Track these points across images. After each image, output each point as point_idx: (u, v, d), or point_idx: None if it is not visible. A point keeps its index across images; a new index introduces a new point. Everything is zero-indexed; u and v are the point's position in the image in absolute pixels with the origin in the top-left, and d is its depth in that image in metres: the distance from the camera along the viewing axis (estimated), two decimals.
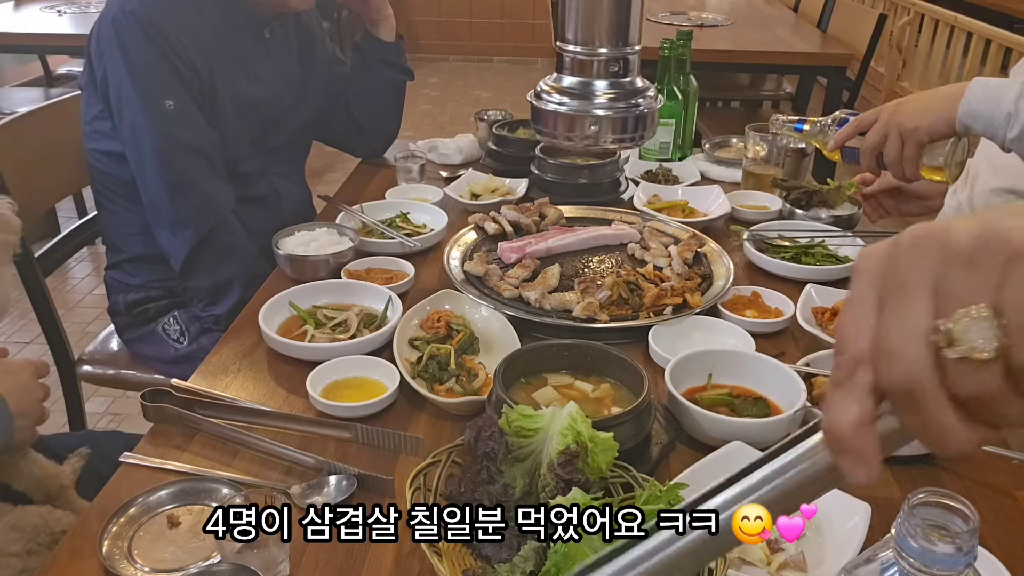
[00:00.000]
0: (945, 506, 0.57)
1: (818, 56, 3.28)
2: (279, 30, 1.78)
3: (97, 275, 3.51)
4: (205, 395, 1.14)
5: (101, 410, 2.69)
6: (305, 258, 1.47)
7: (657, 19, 3.80)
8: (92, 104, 1.62)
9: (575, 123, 1.17)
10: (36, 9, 3.98)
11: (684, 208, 1.77)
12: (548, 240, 1.51)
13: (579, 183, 1.81)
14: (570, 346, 1.12)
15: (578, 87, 1.16)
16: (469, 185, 1.87)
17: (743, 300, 1.40)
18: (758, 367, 1.16)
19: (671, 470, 1.01)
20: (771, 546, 0.88)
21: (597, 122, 1.17)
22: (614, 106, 1.16)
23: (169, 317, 1.74)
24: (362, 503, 0.70)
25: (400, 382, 1.15)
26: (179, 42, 1.55)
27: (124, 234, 1.74)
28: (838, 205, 1.75)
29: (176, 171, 1.57)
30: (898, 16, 5.30)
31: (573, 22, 1.13)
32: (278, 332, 1.28)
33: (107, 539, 0.91)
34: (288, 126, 1.85)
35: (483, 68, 7.34)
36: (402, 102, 2.04)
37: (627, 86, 1.17)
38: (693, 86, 2.02)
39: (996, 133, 1.40)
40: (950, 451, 0.42)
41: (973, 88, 1.41)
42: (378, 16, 1.91)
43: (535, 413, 0.88)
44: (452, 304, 1.35)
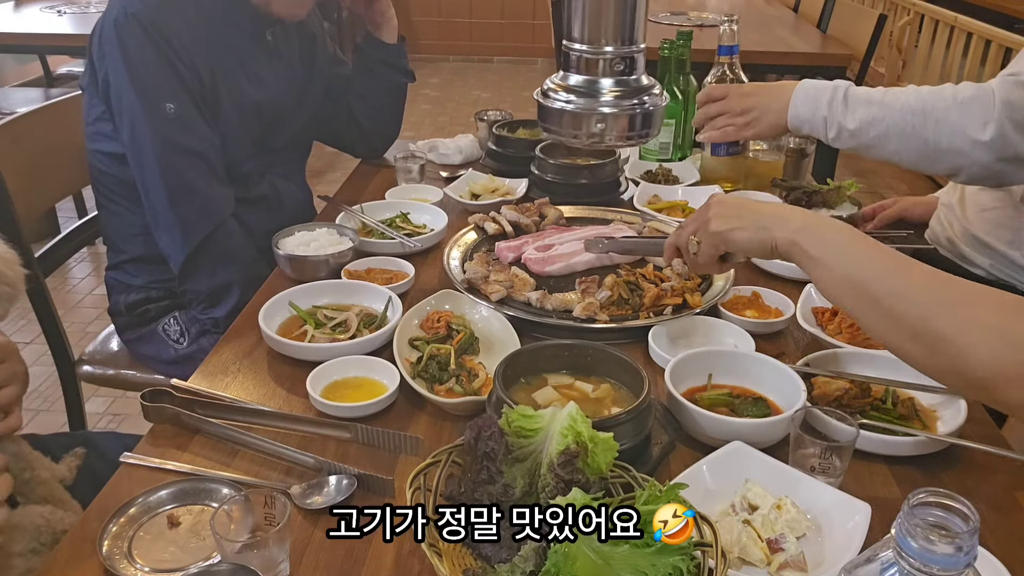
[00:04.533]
0: (945, 506, 0.57)
1: (818, 56, 3.28)
2: (281, 32, 1.78)
3: (97, 275, 3.51)
4: (205, 395, 1.14)
5: (101, 410, 2.69)
6: (305, 258, 1.47)
7: (657, 19, 3.80)
8: (94, 105, 1.62)
9: (581, 121, 1.17)
10: (36, 9, 3.98)
11: (684, 208, 1.77)
12: (558, 249, 1.51)
13: (579, 183, 1.81)
14: (570, 346, 1.12)
15: (584, 85, 1.16)
16: (469, 185, 1.87)
17: (743, 300, 1.40)
18: (758, 367, 1.16)
19: (671, 470, 1.01)
20: (771, 546, 0.88)
21: (604, 120, 1.17)
22: (620, 104, 1.16)
23: (169, 318, 1.74)
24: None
25: (400, 382, 1.15)
26: (181, 44, 1.55)
27: (125, 235, 1.74)
28: (838, 205, 1.75)
29: (176, 174, 1.57)
30: (898, 16, 5.30)
31: (579, 21, 1.14)
32: (278, 332, 1.28)
33: (107, 539, 0.91)
34: (289, 127, 1.85)
35: (483, 68, 7.34)
36: (403, 103, 2.04)
37: (633, 84, 1.17)
38: (693, 86, 2.02)
39: (819, 134, 1.53)
40: (696, 269, 1.23)
41: (797, 91, 1.58)
42: (381, 19, 1.91)
43: (535, 413, 0.88)
44: (452, 304, 1.35)
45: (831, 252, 0.97)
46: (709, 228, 1.12)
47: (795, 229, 1.00)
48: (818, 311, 1.34)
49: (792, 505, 0.92)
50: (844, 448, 0.97)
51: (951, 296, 0.89)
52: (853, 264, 0.95)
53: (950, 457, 1.05)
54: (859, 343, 1.26)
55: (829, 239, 0.98)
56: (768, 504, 0.92)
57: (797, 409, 1.02)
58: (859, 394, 1.13)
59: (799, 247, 1.00)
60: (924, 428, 1.09)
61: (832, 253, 0.97)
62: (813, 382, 1.15)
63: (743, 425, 1.04)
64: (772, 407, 1.11)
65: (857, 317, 0.97)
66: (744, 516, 0.92)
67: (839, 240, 0.98)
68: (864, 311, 0.94)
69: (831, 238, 0.98)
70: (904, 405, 1.12)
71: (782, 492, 0.94)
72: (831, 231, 0.99)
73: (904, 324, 0.89)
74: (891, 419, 1.09)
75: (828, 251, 0.97)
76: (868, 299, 0.93)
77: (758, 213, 1.07)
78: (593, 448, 0.84)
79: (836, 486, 0.96)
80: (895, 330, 0.91)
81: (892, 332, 0.92)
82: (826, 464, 0.98)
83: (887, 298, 0.91)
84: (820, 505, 0.93)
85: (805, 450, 0.99)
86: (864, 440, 1.02)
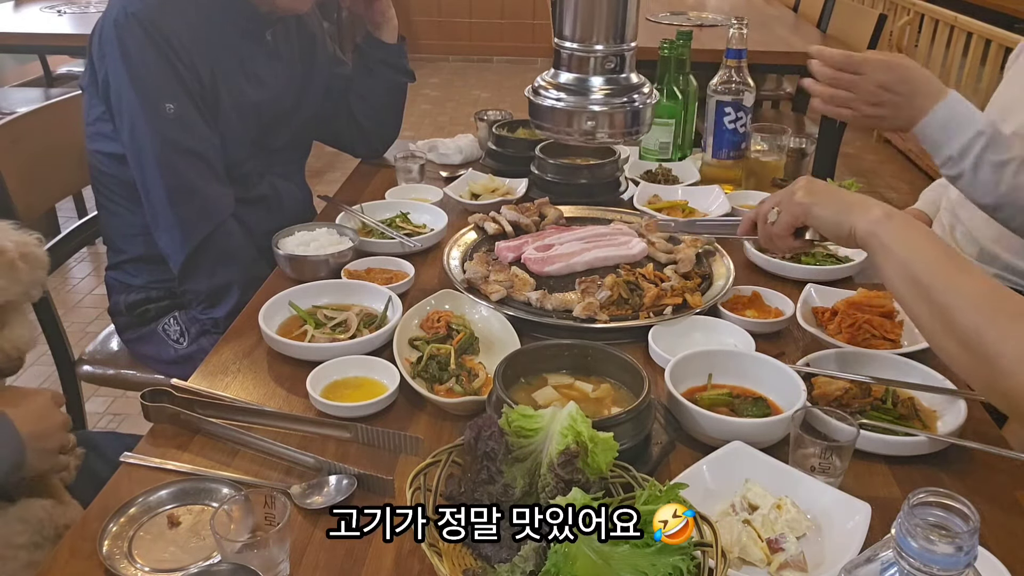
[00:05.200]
0: (945, 506, 0.57)
1: None
2: (281, 32, 1.78)
3: (97, 275, 3.50)
4: (205, 395, 1.14)
5: (101, 410, 2.69)
6: (305, 258, 1.47)
7: (657, 19, 3.80)
8: (94, 105, 1.62)
9: (572, 118, 1.17)
10: (36, 9, 3.98)
11: (684, 208, 1.77)
12: (558, 249, 1.51)
13: (579, 183, 1.81)
14: (570, 346, 1.12)
15: (575, 83, 1.17)
16: (469, 185, 1.87)
17: (743, 300, 1.40)
18: (758, 367, 1.16)
19: (671, 470, 1.01)
20: (771, 546, 0.88)
21: (594, 117, 1.17)
22: (610, 102, 1.16)
23: (169, 318, 1.74)
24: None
25: (400, 382, 1.15)
26: (181, 44, 1.55)
27: (125, 235, 1.74)
28: None
29: (176, 175, 1.57)
30: (898, 16, 5.30)
31: (571, 19, 1.14)
32: (278, 332, 1.28)
33: (107, 539, 0.91)
34: (289, 127, 1.85)
35: (483, 68, 7.33)
36: (403, 103, 2.04)
37: (623, 82, 1.17)
38: (693, 86, 2.02)
39: (938, 159, 1.44)
40: (768, 242, 1.23)
41: (941, 109, 1.40)
42: (381, 19, 1.91)
43: (535, 413, 0.88)
44: (452, 304, 1.35)
45: (903, 246, 0.99)
46: (794, 199, 1.14)
47: (876, 219, 1.02)
48: (818, 311, 1.34)
49: (792, 505, 0.92)
50: (844, 448, 0.98)
51: (1008, 308, 0.90)
52: (920, 261, 0.97)
53: (950, 457, 1.05)
54: (859, 343, 1.26)
55: (905, 234, 1.00)
56: (768, 504, 0.92)
57: (797, 409, 1.02)
58: (859, 394, 1.13)
59: (877, 237, 1.01)
60: (924, 428, 1.09)
61: (903, 247, 0.99)
62: (813, 382, 1.15)
63: (743, 425, 1.04)
64: (772, 407, 1.11)
65: (911, 313, 0.99)
66: (744, 516, 0.92)
67: (914, 237, 1.00)
68: (919, 308, 0.96)
69: (907, 233, 1.00)
70: (904, 405, 1.12)
71: (782, 492, 0.94)
72: (909, 227, 1.01)
73: (955, 329, 0.91)
74: (891, 419, 1.09)
75: (901, 245, 0.99)
76: (925, 297, 0.95)
77: (844, 197, 1.10)
78: (593, 448, 0.84)
79: (836, 486, 0.96)
80: (945, 333, 0.93)
81: (942, 334, 0.94)
82: (826, 464, 0.98)
83: (943, 299, 0.93)
84: (820, 505, 0.93)
85: (805, 450, 0.99)
86: (864, 440, 1.02)
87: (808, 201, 1.12)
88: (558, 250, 1.50)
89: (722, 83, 1.87)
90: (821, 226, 1.11)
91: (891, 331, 1.29)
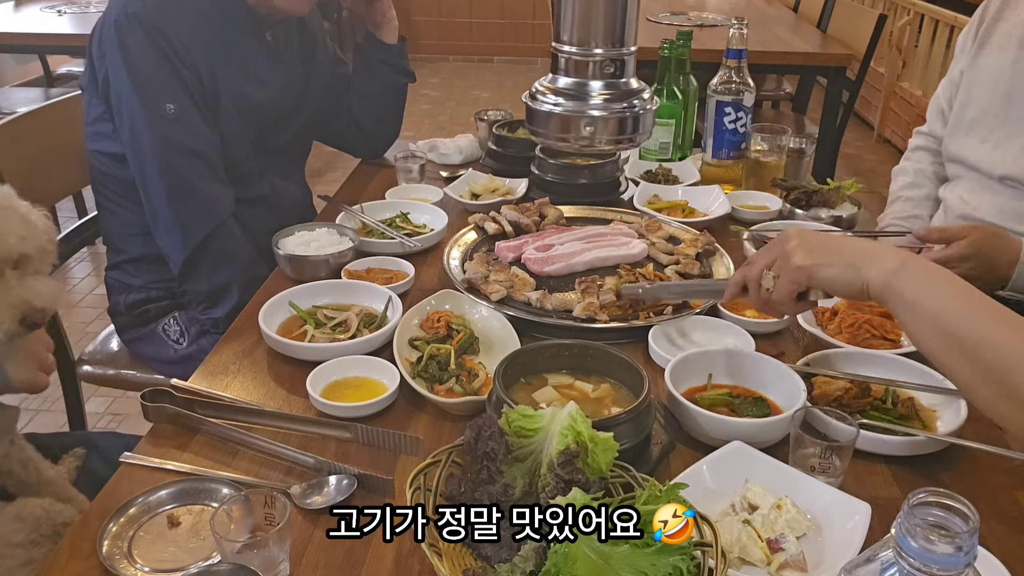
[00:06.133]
0: (945, 506, 0.57)
1: (818, 56, 3.28)
2: (281, 32, 1.78)
3: (97, 275, 3.50)
4: (205, 395, 1.14)
5: (101, 410, 2.69)
6: (305, 258, 1.47)
7: (657, 19, 3.80)
8: (94, 105, 1.62)
9: (570, 124, 1.16)
10: (36, 9, 3.98)
11: (684, 208, 1.77)
12: (558, 249, 1.50)
13: (579, 183, 1.81)
14: (570, 346, 1.12)
15: (573, 88, 1.16)
16: (469, 185, 1.87)
17: (743, 300, 1.40)
18: (758, 367, 1.16)
19: (671, 470, 1.01)
20: (771, 546, 0.88)
21: (592, 123, 1.16)
22: (609, 107, 1.16)
23: (169, 318, 1.74)
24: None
25: (400, 382, 1.15)
26: (181, 44, 1.55)
27: (125, 235, 1.74)
28: (838, 205, 1.75)
29: (176, 175, 1.57)
30: (898, 16, 5.30)
31: (569, 23, 1.13)
32: (278, 332, 1.28)
33: (107, 539, 0.91)
34: (289, 127, 1.85)
35: (483, 68, 7.33)
36: (403, 104, 2.04)
37: (622, 87, 1.16)
38: (693, 86, 2.02)
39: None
40: (767, 308, 1.12)
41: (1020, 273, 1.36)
42: (382, 19, 1.91)
43: (535, 413, 0.88)
44: (452, 304, 1.35)
45: (928, 298, 0.90)
46: (791, 262, 1.02)
47: (890, 270, 0.93)
48: (818, 311, 1.34)
49: (792, 505, 0.92)
50: (844, 448, 0.97)
51: None
52: (956, 316, 0.88)
53: (950, 457, 1.05)
54: (859, 343, 1.26)
55: (929, 284, 0.92)
56: (768, 504, 0.92)
57: (797, 409, 1.02)
58: (859, 394, 1.13)
59: (894, 290, 0.93)
60: (924, 428, 1.09)
61: (929, 299, 0.90)
62: (813, 382, 1.15)
63: (743, 425, 1.04)
64: (772, 407, 1.11)
65: (951, 374, 0.91)
66: (744, 516, 0.92)
67: (938, 285, 0.92)
68: (961, 369, 0.88)
69: (929, 283, 0.92)
70: (904, 405, 1.12)
71: (782, 492, 0.94)
72: (931, 274, 0.93)
73: (1009, 389, 0.84)
74: (891, 419, 1.09)
75: (926, 297, 0.91)
76: (968, 358, 0.87)
77: (846, 249, 1.00)
78: (593, 448, 0.84)
79: (836, 486, 0.96)
80: (1001, 397, 0.85)
81: (996, 398, 0.86)
82: (826, 464, 0.98)
83: (991, 356, 0.85)
84: (820, 505, 0.93)
85: (805, 450, 0.99)
86: (864, 440, 1.02)
87: (810, 263, 1.01)
88: (558, 250, 1.50)
89: (722, 83, 1.87)
90: (830, 287, 1.01)
91: (891, 331, 1.29)
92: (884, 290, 0.94)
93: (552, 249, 1.50)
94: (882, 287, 0.94)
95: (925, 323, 0.90)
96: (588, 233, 1.56)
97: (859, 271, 0.96)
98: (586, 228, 1.60)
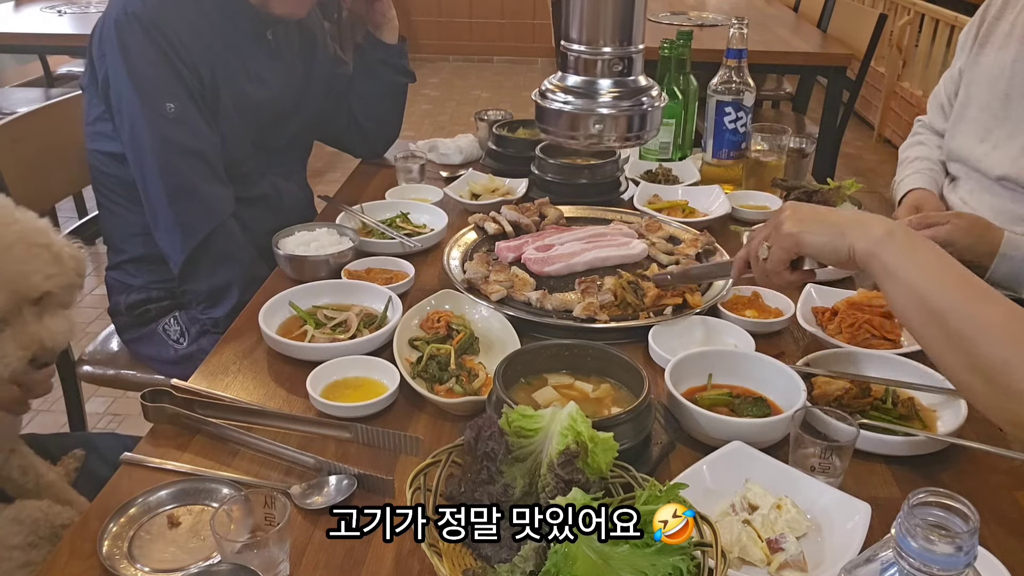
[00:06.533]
0: (945, 506, 0.57)
1: (818, 56, 3.28)
2: (281, 31, 1.78)
3: (97, 275, 3.49)
4: (205, 395, 1.14)
5: (101, 410, 2.69)
6: (305, 258, 1.47)
7: (657, 19, 3.80)
8: (94, 105, 1.62)
9: (579, 121, 1.17)
10: (36, 9, 3.98)
11: (684, 208, 1.77)
12: (558, 249, 1.50)
13: (579, 183, 1.81)
14: (570, 346, 1.12)
15: (582, 86, 1.16)
16: (469, 185, 1.87)
17: (743, 300, 1.40)
18: (758, 367, 1.16)
19: (671, 470, 1.01)
20: (771, 546, 0.88)
21: (601, 120, 1.16)
22: (618, 104, 1.16)
23: (169, 318, 1.74)
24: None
25: (400, 382, 1.15)
26: (181, 44, 1.55)
27: (125, 235, 1.74)
28: (838, 205, 1.75)
29: (176, 174, 1.57)
30: (898, 16, 5.30)
31: (577, 21, 1.14)
32: (278, 332, 1.28)
33: (107, 539, 0.91)
34: (289, 127, 1.85)
35: (483, 68, 7.33)
36: (403, 104, 2.04)
37: (631, 85, 1.17)
38: (693, 86, 2.02)
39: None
40: (765, 280, 1.13)
41: (998, 265, 1.38)
42: (382, 19, 1.91)
43: (535, 413, 0.88)
44: (452, 304, 1.35)
45: (910, 268, 0.91)
46: (781, 230, 1.05)
47: (876, 238, 0.94)
48: (818, 311, 1.34)
49: (792, 505, 0.92)
50: (844, 448, 0.97)
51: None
52: (931, 285, 0.89)
53: (950, 457, 1.05)
54: (859, 343, 1.26)
55: (912, 254, 0.92)
56: (768, 504, 0.92)
57: (797, 409, 1.02)
58: (859, 394, 1.13)
59: (879, 259, 0.93)
60: (924, 428, 1.09)
61: (911, 269, 0.91)
62: (813, 382, 1.15)
63: (743, 425, 1.04)
64: (772, 407, 1.11)
65: (924, 343, 0.92)
66: (744, 516, 0.92)
67: (922, 257, 0.92)
68: (933, 338, 0.89)
69: (914, 253, 0.92)
70: (904, 405, 1.12)
71: (782, 492, 0.94)
72: (915, 245, 0.93)
73: (979, 362, 0.84)
74: (891, 419, 1.09)
75: (908, 267, 0.91)
76: (939, 326, 0.87)
77: (835, 218, 1.01)
78: (593, 448, 0.84)
79: (836, 486, 0.96)
80: (967, 366, 0.86)
81: (963, 367, 0.87)
82: (826, 464, 0.98)
83: (963, 328, 0.85)
84: (820, 505, 0.93)
85: (805, 450, 0.99)
86: (864, 440, 1.02)
87: (797, 230, 1.03)
88: (558, 250, 1.50)
89: (722, 83, 1.87)
90: (817, 254, 1.03)
91: (891, 331, 1.29)
92: (868, 257, 0.95)
93: (552, 249, 1.50)
94: (866, 254, 0.95)
95: (903, 291, 0.91)
96: (588, 233, 1.56)
97: (845, 238, 0.98)
98: (586, 228, 1.60)
